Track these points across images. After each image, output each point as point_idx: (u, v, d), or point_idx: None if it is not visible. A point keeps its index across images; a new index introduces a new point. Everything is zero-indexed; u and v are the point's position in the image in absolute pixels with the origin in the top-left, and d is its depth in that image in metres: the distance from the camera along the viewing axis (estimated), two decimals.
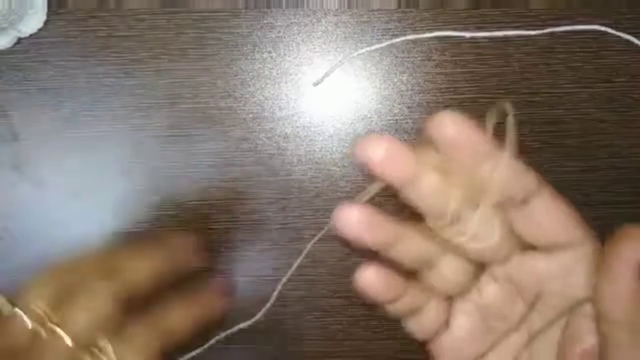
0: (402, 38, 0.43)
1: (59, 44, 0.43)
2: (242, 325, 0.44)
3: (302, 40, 0.44)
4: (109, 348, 0.27)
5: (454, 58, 0.43)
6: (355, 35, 0.43)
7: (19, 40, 0.43)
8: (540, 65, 0.43)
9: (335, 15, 0.43)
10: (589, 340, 0.22)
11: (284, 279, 0.44)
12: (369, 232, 0.22)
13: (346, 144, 0.44)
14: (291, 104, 0.44)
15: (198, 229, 0.45)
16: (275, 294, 0.44)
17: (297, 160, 0.44)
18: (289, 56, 0.44)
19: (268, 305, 0.45)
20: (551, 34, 0.43)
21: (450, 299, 0.26)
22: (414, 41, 0.43)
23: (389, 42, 0.43)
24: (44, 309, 0.29)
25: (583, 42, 0.43)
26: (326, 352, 0.46)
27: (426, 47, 0.43)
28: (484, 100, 0.43)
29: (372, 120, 0.44)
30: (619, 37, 0.43)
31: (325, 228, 0.41)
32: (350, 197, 0.45)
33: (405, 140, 0.44)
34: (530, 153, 0.44)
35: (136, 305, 0.31)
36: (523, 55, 0.43)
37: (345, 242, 0.22)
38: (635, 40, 0.43)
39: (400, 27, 0.43)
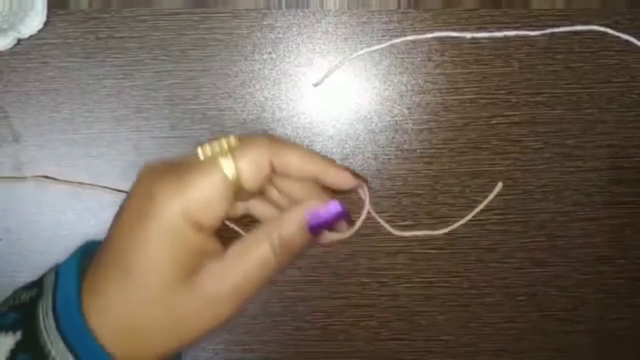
0: (402, 39, 0.43)
1: (60, 46, 0.43)
2: None
3: (302, 41, 0.44)
4: None
5: (454, 59, 0.43)
6: (355, 36, 0.43)
7: (19, 41, 0.43)
8: (540, 66, 0.43)
9: (335, 16, 0.43)
10: None
11: None
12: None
13: (346, 145, 0.44)
14: (291, 104, 0.44)
15: None
16: None
17: None
18: (289, 57, 0.44)
19: None
20: (551, 34, 0.43)
21: None
22: (414, 42, 0.43)
23: (389, 43, 0.43)
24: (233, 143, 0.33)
25: (583, 42, 0.43)
26: (327, 353, 0.46)
27: (426, 47, 0.43)
28: (484, 100, 0.43)
29: (372, 121, 0.44)
30: (618, 37, 0.43)
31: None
32: (350, 198, 0.45)
33: (405, 140, 0.44)
34: (531, 153, 0.44)
35: None
36: (523, 55, 0.43)
37: None
38: (635, 41, 0.43)
39: (400, 28, 0.43)
